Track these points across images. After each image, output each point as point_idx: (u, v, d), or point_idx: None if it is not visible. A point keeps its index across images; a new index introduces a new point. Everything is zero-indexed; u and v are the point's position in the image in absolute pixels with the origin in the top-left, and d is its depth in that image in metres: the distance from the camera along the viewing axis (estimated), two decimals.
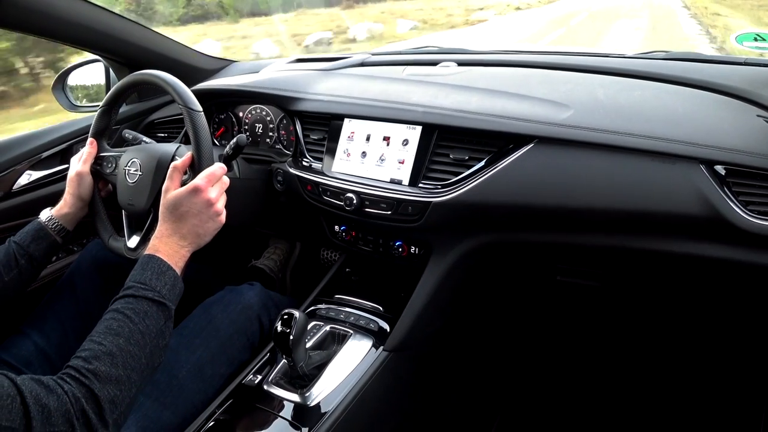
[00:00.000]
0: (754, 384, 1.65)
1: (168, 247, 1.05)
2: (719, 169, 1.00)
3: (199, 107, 1.21)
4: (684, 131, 1.05)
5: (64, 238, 1.28)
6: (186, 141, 1.25)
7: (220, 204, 1.14)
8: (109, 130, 1.39)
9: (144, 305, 0.95)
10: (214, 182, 1.13)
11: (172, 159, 1.26)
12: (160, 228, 1.09)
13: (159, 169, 1.25)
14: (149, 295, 0.96)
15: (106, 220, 1.33)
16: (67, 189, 1.30)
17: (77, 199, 1.29)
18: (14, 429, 0.73)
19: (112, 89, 1.35)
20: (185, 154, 1.18)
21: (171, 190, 1.11)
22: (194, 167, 1.17)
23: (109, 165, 1.34)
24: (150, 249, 1.05)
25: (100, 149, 1.36)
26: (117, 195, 1.30)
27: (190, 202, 1.09)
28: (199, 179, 1.11)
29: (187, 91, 1.22)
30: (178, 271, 1.04)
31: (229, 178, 1.18)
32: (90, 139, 1.35)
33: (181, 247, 1.07)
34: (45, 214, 1.28)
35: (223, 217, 1.14)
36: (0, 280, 1.17)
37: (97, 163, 1.35)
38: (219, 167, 1.15)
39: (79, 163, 1.31)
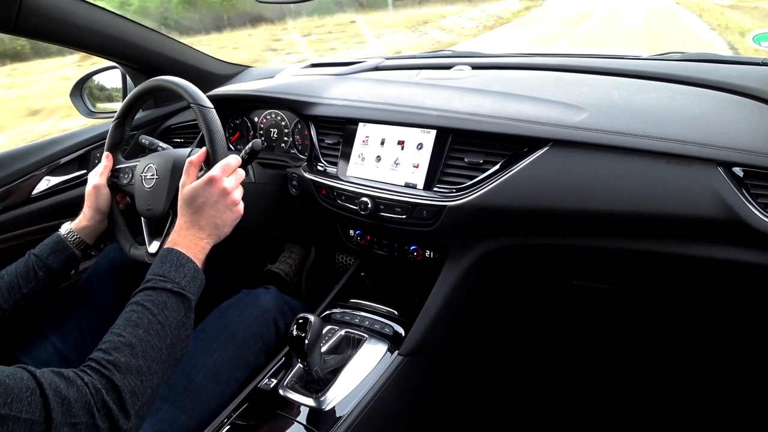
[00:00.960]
0: None
1: (186, 239, 1.06)
2: (737, 170, 0.99)
3: (209, 104, 1.22)
4: (701, 133, 1.04)
5: (83, 252, 1.29)
6: (202, 145, 1.27)
7: (237, 195, 1.14)
8: (123, 142, 1.41)
9: (163, 297, 0.95)
10: (230, 173, 1.14)
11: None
12: (179, 222, 1.10)
13: (175, 171, 1.27)
14: (168, 287, 0.97)
15: (126, 230, 1.34)
16: (85, 203, 1.32)
17: (96, 212, 1.31)
18: (35, 421, 0.73)
19: (125, 101, 1.37)
20: (200, 151, 1.20)
21: (187, 185, 1.12)
22: (209, 162, 1.18)
23: (126, 176, 1.35)
24: (169, 243, 1.06)
25: (115, 162, 1.38)
26: (135, 203, 1.32)
27: (206, 192, 1.09)
28: (214, 170, 1.12)
29: (197, 90, 1.24)
30: (199, 263, 1.04)
31: (245, 182, 1.19)
32: (105, 153, 1.37)
33: (200, 239, 1.07)
34: (65, 228, 1.29)
35: (240, 208, 1.14)
36: (18, 291, 1.19)
37: (114, 175, 1.36)
38: (233, 158, 1.16)
39: (96, 176, 1.33)
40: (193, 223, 1.09)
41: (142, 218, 1.33)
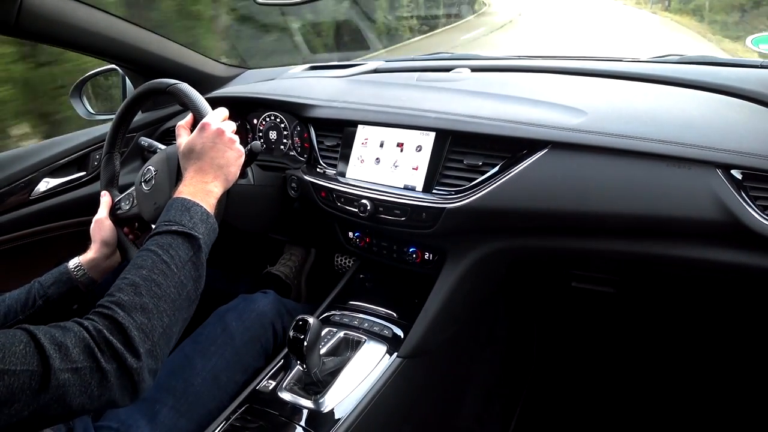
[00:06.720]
0: None
1: (191, 186, 1.04)
2: (736, 173, 0.99)
3: (175, 81, 1.23)
4: (699, 135, 1.04)
5: (87, 288, 1.25)
6: None
7: (233, 136, 1.13)
8: (117, 176, 1.40)
9: (168, 238, 0.94)
10: (221, 120, 1.14)
11: None
12: (183, 178, 1.08)
13: (170, 161, 1.26)
14: (173, 228, 0.95)
15: (135, 248, 1.31)
16: (91, 238, 1.29)
17: (101, 245, 1.28)
18: (33, 371, 0.72)
19: (108, 133, 1.37)
20: (188, 116, 1.20)
21: (182, 144, 1.11)
22: (197, 122, 1.16)
23: (127, 201, 1.34)
24: (174, 195, 1.04)
25: (114, 197, 1.37)
26: (143, 214, 1.29)
27: (202, 138, 1.09)
28: (205, 119, 1.11)
29: (157, 78, 1.26)
30: (208, 208, 1.02)
31: (244, 184, 1.19)
32: (102, 192, 1.36)
33: (205, 183, 1.06)
34: (74, 261, 1.26)
35: (239, 146, 1.13)
36: (15, 317, 1.16)
37: (116, 207, 1.35)
38: (220, 109, 1.16)
39: (98, 211, 1.32)
40: (196, 171, 1.07)
41: (154, 226, 1.32)
